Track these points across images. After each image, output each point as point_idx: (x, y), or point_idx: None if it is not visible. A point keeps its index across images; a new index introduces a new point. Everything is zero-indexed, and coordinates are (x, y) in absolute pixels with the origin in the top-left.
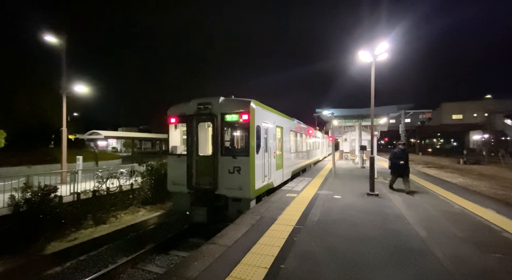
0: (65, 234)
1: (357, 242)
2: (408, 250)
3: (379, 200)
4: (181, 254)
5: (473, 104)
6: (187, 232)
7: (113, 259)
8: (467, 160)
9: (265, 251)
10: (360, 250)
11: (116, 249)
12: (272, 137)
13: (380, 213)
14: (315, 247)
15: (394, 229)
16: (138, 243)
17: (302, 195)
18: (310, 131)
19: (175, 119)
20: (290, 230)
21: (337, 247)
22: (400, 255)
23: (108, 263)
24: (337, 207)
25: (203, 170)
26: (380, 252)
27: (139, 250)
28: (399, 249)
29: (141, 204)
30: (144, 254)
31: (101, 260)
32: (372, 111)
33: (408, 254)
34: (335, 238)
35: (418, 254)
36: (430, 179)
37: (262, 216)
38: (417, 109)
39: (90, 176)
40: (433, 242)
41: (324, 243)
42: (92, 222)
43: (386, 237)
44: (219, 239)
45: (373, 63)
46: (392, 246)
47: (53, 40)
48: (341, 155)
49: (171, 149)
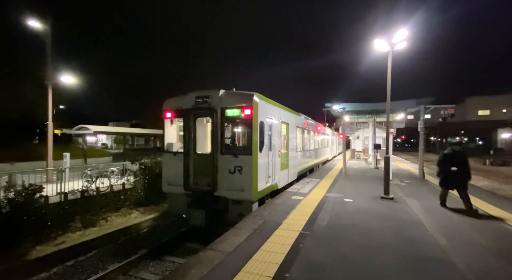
0: (51, 237)
1: (369, 250)
2: (426, 260)
3: (394, 204)
4: (177, 261)
5: (502, 99)
6: (183, 237)
7: (104, 265)
8: (494, 160)
9: (268, 258)
10: (373, 259)
11: (107, 254)
12: (277, 134)
13: (395, 219)
14: (323, 255)
15: (411, 236)
16: (130, 248)
17: (309, 197)
18: (318, 128)
19: (171, 114)
20: (295, 235)
21: (347, 255)
22: (417, 264)
23: (98, 269)
24: (347, 211)
25: (201, 169)
26: (395, 262)
27: (132, 256)
28: (416, 258)
29: (133, 205)
30: (137, 260)
31: (91, 266)
32: (388, 105)
33: (426, 264)
34: (345, 245)
35: (437, 264)
36: None
37: (266, 220)
38: (438, 104)
39: (78, 175)
40: (455, 251)
41: (333, 250)
42: (81, 225)
43: (402, 245)
44: (219, 245)
45: (390, 53)
46: (409, 254)
47: (36, 24)
48: (352, 154)
49: (167, 146)
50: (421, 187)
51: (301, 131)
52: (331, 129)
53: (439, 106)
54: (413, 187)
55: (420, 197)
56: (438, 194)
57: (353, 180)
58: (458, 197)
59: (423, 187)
